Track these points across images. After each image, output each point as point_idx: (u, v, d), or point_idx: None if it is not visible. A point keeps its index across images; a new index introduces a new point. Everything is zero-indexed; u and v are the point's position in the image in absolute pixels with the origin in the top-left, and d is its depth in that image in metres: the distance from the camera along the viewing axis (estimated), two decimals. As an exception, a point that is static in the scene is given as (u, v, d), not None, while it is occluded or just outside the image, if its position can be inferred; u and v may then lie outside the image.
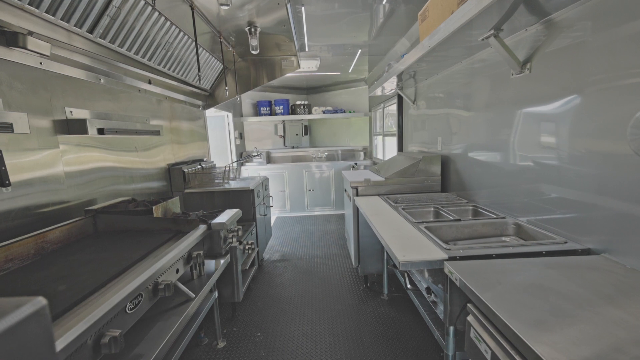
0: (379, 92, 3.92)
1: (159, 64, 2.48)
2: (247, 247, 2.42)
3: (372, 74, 5.15)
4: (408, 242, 1.40)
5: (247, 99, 5.83)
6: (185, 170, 2.84)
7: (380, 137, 5.17)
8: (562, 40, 1.34)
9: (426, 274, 1.52)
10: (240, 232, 1.93)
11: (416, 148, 3.38)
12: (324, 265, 3.26)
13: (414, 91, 3.31)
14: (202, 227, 1.68)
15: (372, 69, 4.93)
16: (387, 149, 4.78)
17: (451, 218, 1.74)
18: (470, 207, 2.04)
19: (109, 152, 2.04)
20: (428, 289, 1.51)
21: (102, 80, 1.96)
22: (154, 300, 1.21)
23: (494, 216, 1.75)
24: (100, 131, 1.80)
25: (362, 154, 6.07)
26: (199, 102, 3.59)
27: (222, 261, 1.90)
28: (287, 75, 5.08)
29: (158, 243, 1.48)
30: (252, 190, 2.87)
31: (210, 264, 1.87)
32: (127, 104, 2.24)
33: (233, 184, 3.07)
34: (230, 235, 1.81)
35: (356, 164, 4.72)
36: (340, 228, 4.62)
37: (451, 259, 1.20)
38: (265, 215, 3.38)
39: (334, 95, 6.22)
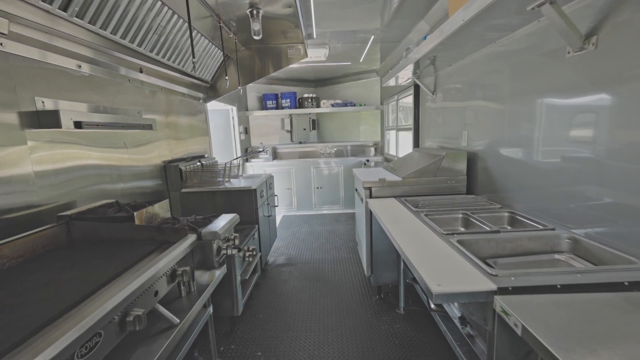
0: (392, 82, 3.61)
1: (150, 51, 2.23)
2: (247, 254, 2.18)
3: (384, 64, 4.82)
4: (439, 263, 1.13)
5: (253, 92, 5.58)
6: (182, 167, 2.60)
7: (393, 132, 4.86)
8: (645, 5, 1.03)
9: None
10: (236, 241, 1.68)
11: (435, 144, 3.07)
12: (332, 271, 3.01)
13: (434, 80, 2.99)
14: (192, 237, 1.44)
15: (385, 59, 4.60)
16: (400, 144, 4.47)
17: (487, 229, 1.45)
18: (506, 214, 1.74)
19: (92, 148, 1.81)
20: (462, 319, 1.23)
21: (81, 67, 1.72)
22: (121, 335, 0.97)
23: (541, 227, 1.45)
24: (78, 125, 1.56)
25: (372, 149, 5.76)
26: (200, 95, 3.35)
27: (217, 273, 1.66)
28: (294, 66, 4.80)
29: (137, 257, 1.24)
30: (254, 190, 2.62)
31: (204, 275, 1.64)
32: (115, 95, 2.00)
33: (235, 183, 2.82)
34: (225, 245, 1.57)
35: (368, 160, 4.43)
36: (350, 228, 4.35)
37: (501, 291, 0.92)
38: (269, 216, 3.14)
39: (343, 87, 5.91)
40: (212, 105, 4.55)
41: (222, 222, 1.64)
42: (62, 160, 1.59)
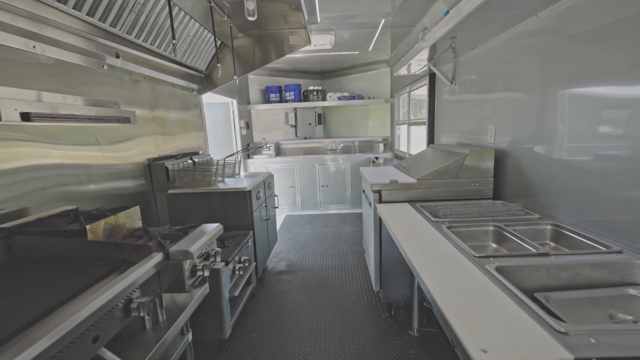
0: (404, 71, 3.28)
1: (128, 33, 1.95)
2: (238, 266, 1.90)
3: (395, 53, 4.46)
4: (477, 306, 0.82)
5: (255, 84, 5.28)
6: (169, 166, 2.33)
7: (403, 127, 4.51)
8: None
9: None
10: (218, 257, 1.40)
11: (453, 140, 2.73)
12: (337, 281, 2.72)
13: (453, 68, 2.64)
14: (157, 256, 1.16)
15: (396, 47, 4.24)
16: (412, 140, 4.12)
17: (532, 250, 1.13)
18: (549, 227, 1.42)
19: (53, 145, 1.54)
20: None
21: (35, 48, 1.45)
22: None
23: (603, 248, 1.13)
24: (25, 117, 1.29)
25: (381, 145, 5.42)
26: (193, 86, 3.07)
27: (196, 294, 1.39)
28: (298, 55, 4.48)
29: (83, 285, 0.97)
30: (249, 192, 2.34)
31: (181, 295, 1.37)
32: (83, 84, 1.73)
33: (230, 183, 2.55)
34: (201, 265, 1.29)
35: (377, 158, 4.09)
36: (357, 230, 4.05)
37: (583, 365, 0.61)
38: (267, 219, 2.86)
39: (351, 79, 5.57)
40: (211, 98, 4.28)
41: (200, 235, 1.36)
42: (8, 160, 1.33)
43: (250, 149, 4.99)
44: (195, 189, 2.34)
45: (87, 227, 1.16)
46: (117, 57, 1.97)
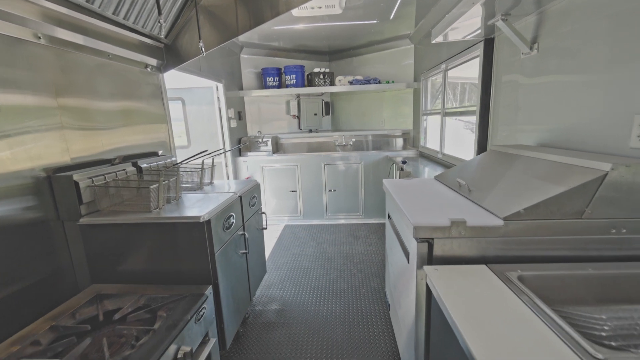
0: (440, 38, 2.32)
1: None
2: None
3: (421, 25, 3.46)
4: None
5: (249, 66, 4.36)
6: (80, 180, 1.46)
7: (433, 117, 3.54)
8: None
9: None
10: None
11: (529, 138, 1.78)
12: (347, 348, 1.84)
13: (535, 24, 1.67)
14: None
15: (425, 16, 3.23)
16: (447, 136, 3.16)
17: None
18: None
19: None
20: None
21: None
22: None
23: None
24: None
25: (400, 141, 4.47)
26: (148, 60, 2.18)
27: None
28: (300, 28, 3.51)
29: None
30: (206, 224, 1.45)
31: None
32: None
33: (187, 204, 1.68)
34: None
35: (405, 162, 3.08)
36: (372, 250, 3.14)
37: None
38: (246, 252, 1.98)
39: (364, 60, 4.58)
40: (195, 82, 3.42)
41: None
42: None
43: (241, 144, 4.11)
44: (122, 218, 1.47)
45: None
46: (-50, -12, 1.08)
